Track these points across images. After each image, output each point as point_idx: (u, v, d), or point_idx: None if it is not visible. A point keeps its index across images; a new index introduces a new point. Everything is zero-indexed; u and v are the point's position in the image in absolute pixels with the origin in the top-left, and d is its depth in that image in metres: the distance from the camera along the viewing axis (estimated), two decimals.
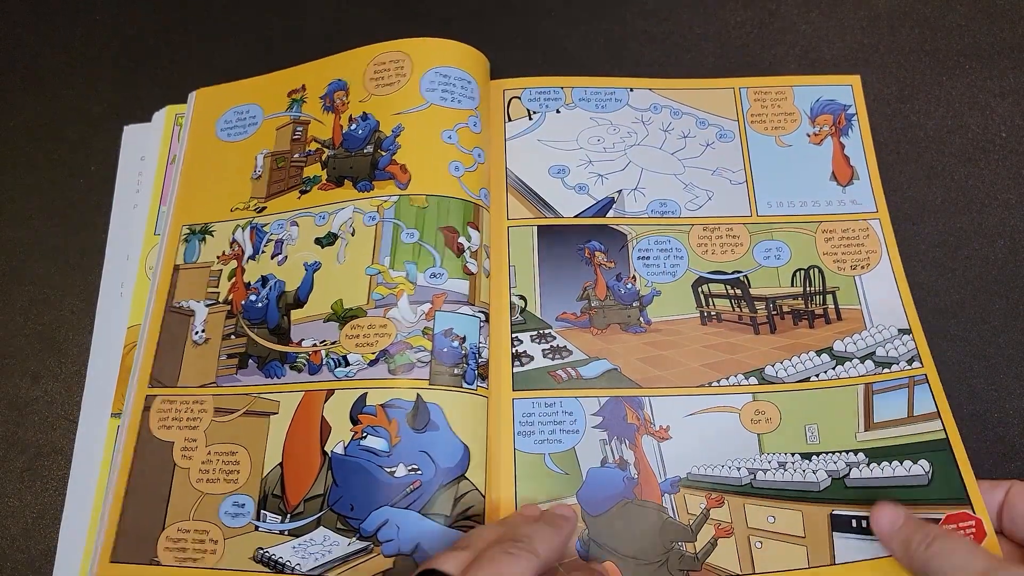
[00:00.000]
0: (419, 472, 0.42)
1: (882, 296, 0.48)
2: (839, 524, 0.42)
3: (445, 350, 0.44)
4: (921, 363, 0.46)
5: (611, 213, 0.51)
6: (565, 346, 0.48)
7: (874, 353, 0.47)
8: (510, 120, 0.54)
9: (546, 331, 0.48)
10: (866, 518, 0.42)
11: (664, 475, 0.44)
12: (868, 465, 0.43)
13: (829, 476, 0.43)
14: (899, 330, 0.47)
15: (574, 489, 0.44)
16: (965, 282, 0.50)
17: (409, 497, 0.41)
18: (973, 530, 0.41)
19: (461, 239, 0.47)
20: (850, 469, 0.43)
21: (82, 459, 0.47)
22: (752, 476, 0.44)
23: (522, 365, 0.47)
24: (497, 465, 0.44)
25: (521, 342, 0.48)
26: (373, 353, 0.44)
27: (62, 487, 0.47)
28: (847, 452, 0.44)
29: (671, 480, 0.44)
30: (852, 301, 0.48)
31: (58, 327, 0.52)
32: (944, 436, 0.44)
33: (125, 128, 0.56)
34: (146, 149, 0.55)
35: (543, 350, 0.48)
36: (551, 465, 0.45)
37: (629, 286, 0.49)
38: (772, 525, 0.43)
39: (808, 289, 0.49)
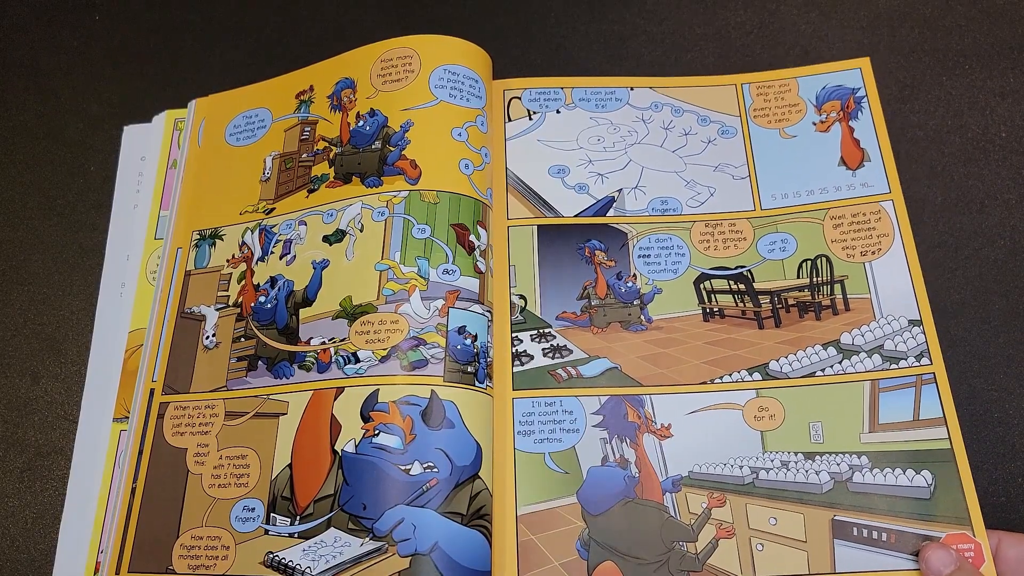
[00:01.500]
0: (436, 470, 0.41)
1: (893, 283, 0.47)
2: (840, 530, 0.42)
3: (459, 347, 0.44)
4: (930, 359, 0.45)
5: (611, 212, 0.51)
6: (565, 345, 0.48)
7: (882, 347, 0.46)
8: (510, 120, 0.54)
9: (546, 330, 0.48)
10: (868, 527, 0.42)
11: (665, 474, 0.44)
12: (871, 470, 0.43)
13: (832, 478, 0.43)
14: (909, 321, 0.46)
15: (574, 488, 0.44)
16: (965, 282, 0.50)
17: (425, 495, 0.41)
18: (972, 554, 0.41)
19: (471, 237, 0.47)
20: (853, 473, 0.43)
21: (82, 460, 0.47)
22: (754, 475, 0.44)
23: (522, 364, 0.47)
24: (498, 464, 0.44)
25: (521, 341, 0.48)
26: (384, 349, 0.44)
27: (62, 487, 0.47)
28: (850, 454, 0.44)
29: (673, 479, 0.44)
30: (861, 290, 0.48)
31: (58, 327, 0.52)
32: (949, 446, 0.43)
33: (125, 128, 0.56)
34: (146, 149, 0.55)
35: (543, 349, 0.47)
36: (551, 464, 0.44)
37: (630, 284, 0.49)
38: (773, 527, 0.43)
39: (815, 279, 0.49)
